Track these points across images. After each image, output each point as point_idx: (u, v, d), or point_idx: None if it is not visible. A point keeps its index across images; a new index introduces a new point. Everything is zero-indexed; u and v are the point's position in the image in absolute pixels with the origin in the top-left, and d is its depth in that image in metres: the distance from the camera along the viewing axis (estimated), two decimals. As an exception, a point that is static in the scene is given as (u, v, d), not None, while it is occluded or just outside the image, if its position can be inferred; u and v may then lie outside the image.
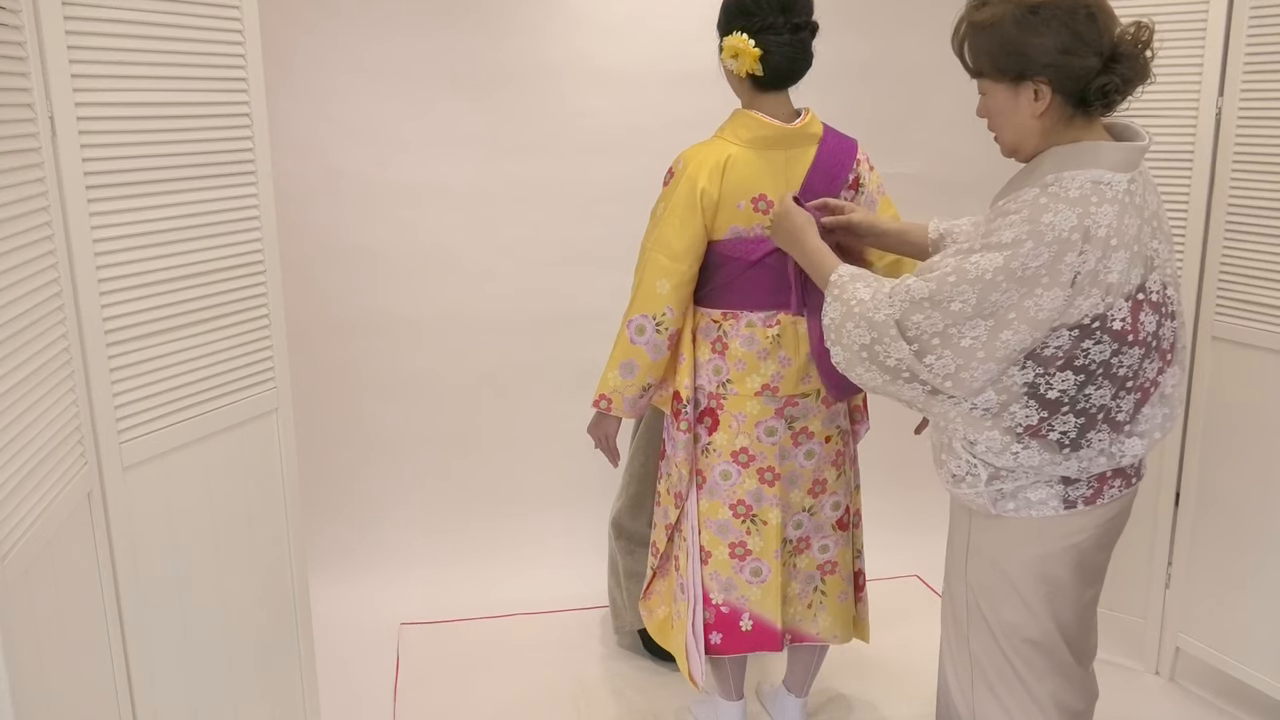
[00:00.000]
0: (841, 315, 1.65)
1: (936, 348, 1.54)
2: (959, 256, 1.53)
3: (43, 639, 1.42)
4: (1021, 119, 1.56)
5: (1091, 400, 1.54)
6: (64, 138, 1.54)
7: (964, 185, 3.51)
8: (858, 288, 1.65)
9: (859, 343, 1.62)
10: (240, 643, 2.01)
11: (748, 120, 2.03)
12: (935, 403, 1.60)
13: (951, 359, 1.53)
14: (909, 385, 1.59)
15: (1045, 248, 1.45)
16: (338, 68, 3.07)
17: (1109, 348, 1.51)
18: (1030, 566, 1.64)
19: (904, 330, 1.56)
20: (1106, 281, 1.48)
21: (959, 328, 1.52)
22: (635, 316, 2.07)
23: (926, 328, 1.54)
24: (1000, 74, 1.55)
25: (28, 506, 1.38)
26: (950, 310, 1.52)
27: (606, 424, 2.19)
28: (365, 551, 3.31)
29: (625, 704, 2.62)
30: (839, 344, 1.65)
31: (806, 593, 2.25)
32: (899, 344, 1.57)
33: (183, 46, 1.74)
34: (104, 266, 1.63)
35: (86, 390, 1.61)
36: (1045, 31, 1.48)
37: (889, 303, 1.58)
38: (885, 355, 1.59)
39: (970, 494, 1.65)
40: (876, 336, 1.59)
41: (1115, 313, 1.50)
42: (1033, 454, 1.56)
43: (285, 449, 2.08)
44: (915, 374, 1.57)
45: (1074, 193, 1.47)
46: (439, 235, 3.24)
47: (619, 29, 3.19)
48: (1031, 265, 1.46)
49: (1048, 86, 1.51)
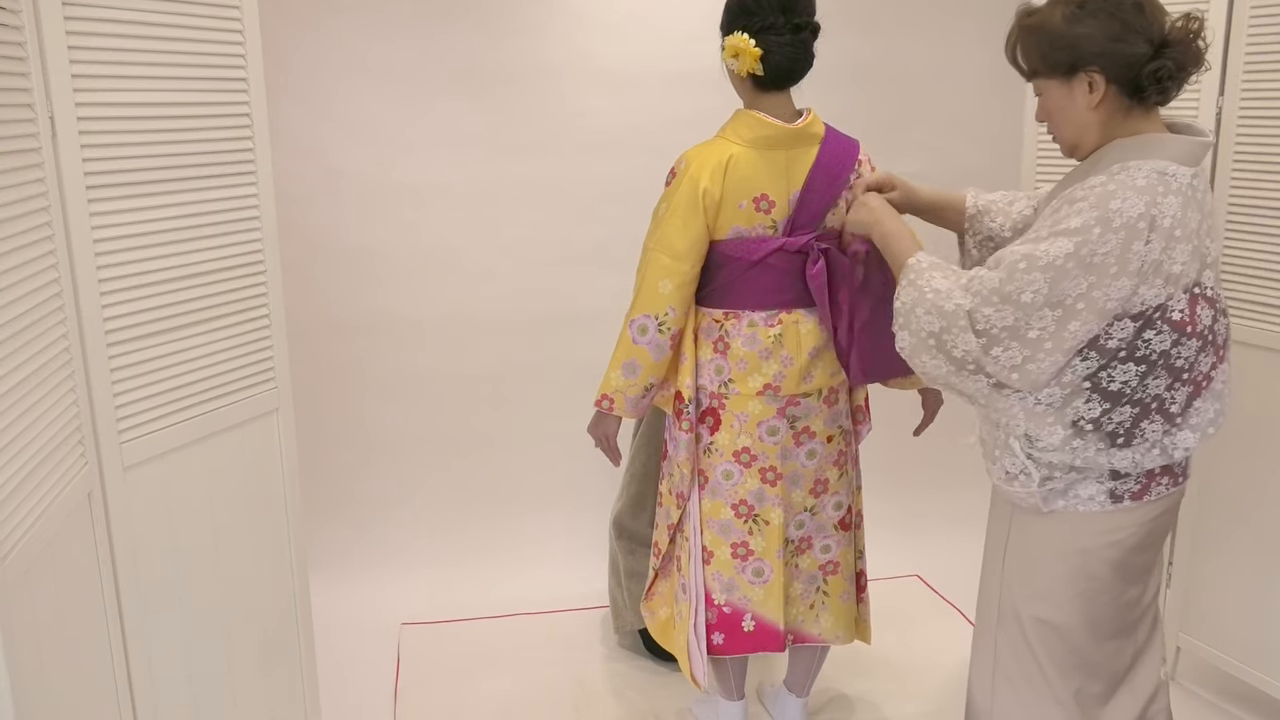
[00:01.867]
0: (913, 300, 1.62)
1: (1004, 340, 1.53)
2: (1029, 244, 1.52)
3: (43, 639, 1.42)
4: (1078, 113, 1.58)
5: (1148, 390, 1.54)
6: (64, 138, 1.54)
7: (962, 185, 3.49)
8: (934, 276, 1.63)
9: (927, 330, 1.59)
10: (240, 643, 2.01)
11: (750, 120, 2.03)
12: (999, 397, 1.58)
13: (1019, 350, 1.52)
14: (973, 378, 1.57)
15: (1113, 234, 1.46)
16: (338, 68, 3.07)
17: (1169, 338, 1.51)
18: (1069, 561, 1.63)
19: (974, 322, 1.54)
20: (1169, 271, 1.49)
21: (1028, 319, 1.51)
22: (637, 316, 2.07)
23: (996, 321, 1.53)
24: (1053, 70, 1.57)
25: (28, 507, 1.38)
26: (1021, 302, 1.50)
27: (607, 424, 2.19)
28: (365, 551, 3.31)
29: (626, 704, 2.62)
30: (907, 329, 1.63)
31: (809, 593, 2.25)
32: (967, 335, 1.55)
33: (183, 46, 1.74)
34: (104, 266, 1.63)
35: (87, 390, 1.61)
36: (1092, 22, 1.52)
37: (963, 293, 1.56)
38: (953, 345, 1.57)
39: (1021, 492, 1.63)
40: (945, 325, 1.56)
41: (1174, 303, 1.51)
42: (1089, 447, 1.56)
43: (285, 449, 2.08)
44: (981, 366, 1.55)
45: (1140, 181, 1.48)
46: (439, 235, 3.24)
47: (619, 28, 3.19)
48: (1100, 252, 1.46)
49: (1101, 76, 1.53)
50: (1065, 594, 1.65)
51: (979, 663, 1.78)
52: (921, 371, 1.64)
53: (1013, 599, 1.70)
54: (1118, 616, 1.68)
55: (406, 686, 2.72)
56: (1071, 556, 1.63)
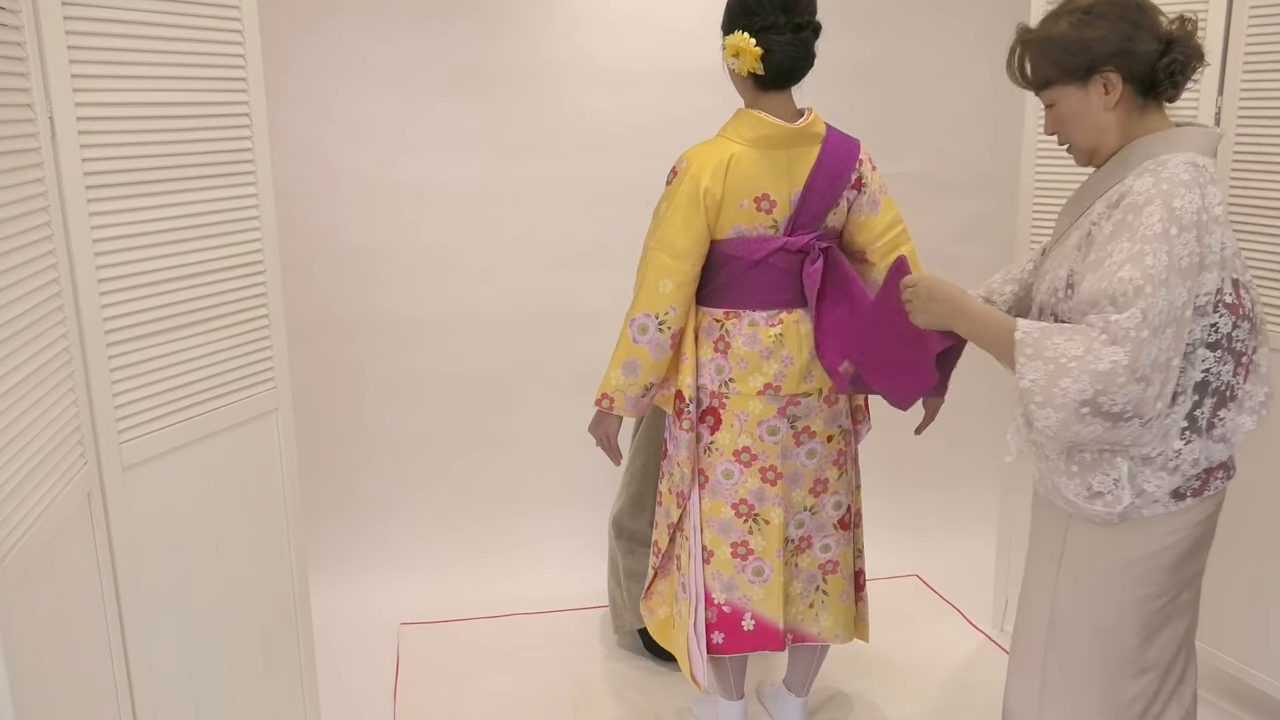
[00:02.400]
0: (1048, 376, 1.49)
1: (1152, 375, 1.46)
2: (1131, 266, 1.45)
3: (43, 639, 1.41)
4: (1095, 116, 1.59)
5: (1221, 377, 1.54)
6: (64, 138, 1.53)
7: (962, 185, 3.52)
8: (1059, 342, 1.49)
9: (1078, 399, 1.46)
10: (240, 643, 2.01)
11: (751, 119, 2.03)
12: (1146, 431, 1.50)
13: (1159, 380, 1.47)
14: (1127, 424, 1.47)
15: (1187, 233, 1.46)
16: (338, 68, 3.07)
17: (1229, 320, 1.53)
18: (1131, 569, 1.61)
19: (1134, 372, 1.44)
20: (1224, 257, 1.52)
21: (1159, 344, 1.46)
22: (638, 315, 2.07)
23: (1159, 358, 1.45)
24: (1068, 75, 1.58)
25: (28, 507, 1.37)
26: (1157, 327, 1.44)
27: (607, 423, 2.19)
28: (365, 551, 3.31)
29: (625, 704, 2.62)
30: (1049, 406, 1.48)
31: (808, 592, 2.25)
32: (1129, 387, 1.44)
33: (182, 46, 1.74)
34: (104, 266, 1.63)
35: (86, 390, 1.61)
36: (1103, 25, 1.54)
37: (1110, 347, 1.45)
38: (1111, 403, 1.45)
39: (1102, 511, 1.58)
40: (1102, 388, 1.44)
41: (1226, 287, 1.53)
42: (1194, 448, 1.55)
43: (285, 449, 2.08)
44: (1140, 411, 1.46)
45: (1185, 175, 1.49)
46: (439, 235, 3.24)
47: (619, 28, 3.19)
48: (1184, 254, 1.46)
49: (1116, 75, 1.55)
50: (1126, 600, 1.62)
51: (1021, 684, 1.73)
52: (1073, 440, 1.52)
53: (1069, 612, 1.66)
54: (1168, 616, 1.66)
55: (406, 686, 2.72)
56: (1134, 564, 1.61)
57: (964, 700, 2.63)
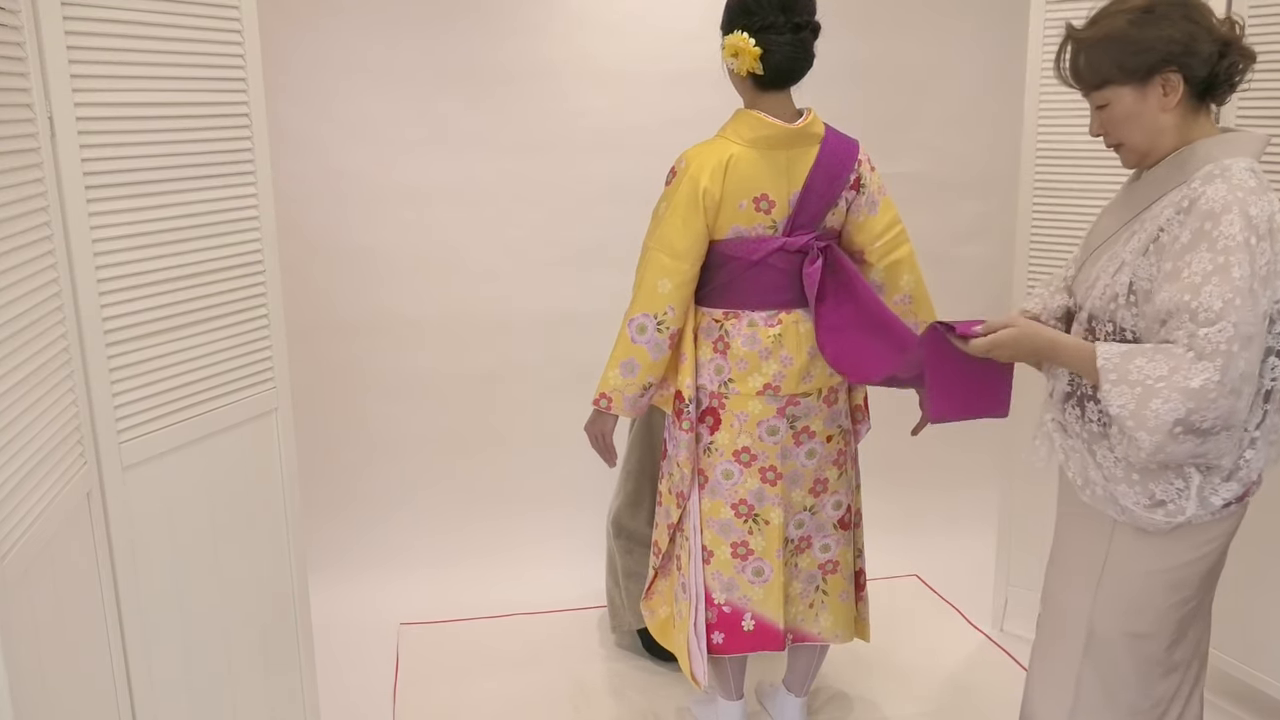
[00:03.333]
0: (1139, 399, 1.47)
1: (1243, 388, 1.44)
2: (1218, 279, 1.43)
3: (42, 639, 1.41)
4: (1152, 117, 1.56)
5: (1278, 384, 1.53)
6: (63, 138, 1.54)
7: (961, 185, 3.52)
8: (1141, 364, 1.48)
9: (1172, 418, 1.44)
10: (240, 643, 2.01)
11: (750, 120, 2.03)
12: (1229, 441, 1.49)
13: (1248, 390, 1.46)
14: (1216, 438, 1.46)
15: (1266, 240, 1.45)
16: (338, 68, 3.07)
17: None
18: (1171, 575, 1.60)
19: (1225, 385, 1.42)
20: None
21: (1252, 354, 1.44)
22: (637, 315, 2.07)
23: (1247, 370, 1.43)
24: (1128, 75, 1.55)
25: (27, 506, 1.37)
26: (1246, 339, 1.43)
27: (603, 422, 2.19)
28: (365, 551, 3.31)
29: (625, 704, 2.62)
30: (1143, 429, 1.46)
31: (808, 592, 2.25)
32: (1220, 401, 1.42)
33: (182, 47, 1.74)
34: (103, 267, 1.63)
35: (86, 390, 1.61)
36: (1165, 25, 1.52)
37: (1200, 364, 1.43)
38: (1201, 419, 1.44)
39: (1161, 521, 1.57)
40: (1195, 406, 1.43)
41: None
42: (1260, 456, 1.55)
43: (285, 449, 2.08)
44: (1230, 423, 1.45)
45: (1251, 182, 1.47)
46: (439, 235, 3.24)
47: (619, 28, 3.19)
48: (1262, 262, 1.44)
49: (1177, 75, 1.53)
50: (1163, 606, 1.62)
51: (1049, 693, 1.72)
52: (1163, 459, 1.50)
53: (1109, 621, 1.65)
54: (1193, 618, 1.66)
55: (405, 686, 2.72)
56: (1174, 571, 1.60)
57: (963, 700, 2.63)
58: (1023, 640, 2.88)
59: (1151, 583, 1.62)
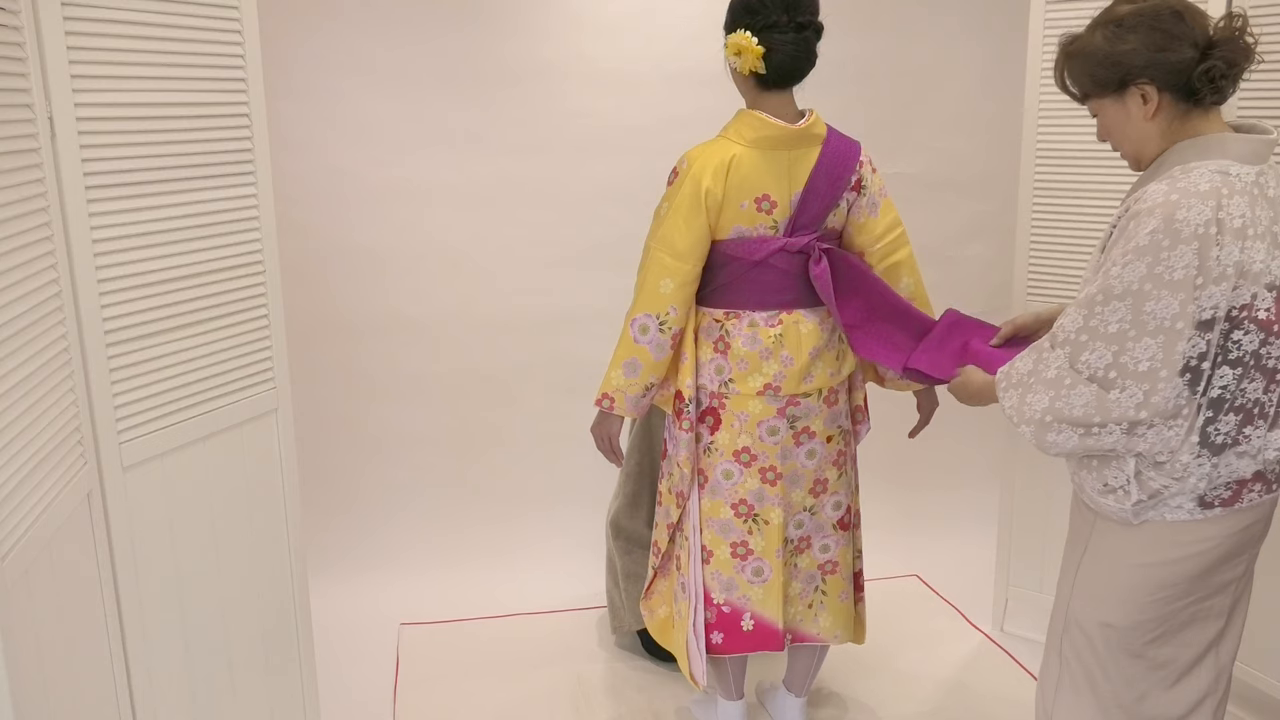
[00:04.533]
0: (1018, 397, 1.60)
1: (1116, 380, 1.49)
2: (1102, 276, 1.50)
3: (43, 639, 1.42)
4: (1135, 126, 1.59)
5: (1247, 395, 1.52)
6: (63, 138, 1.54)
7: (962, 185, 3.52)
8: (1019, 365, 1.62)
9: (1040, 408, 1.55)
10: (240, 643, 2.01)
11: (752, 120, 2.03)
12: (1136, 440, 1.53)
13: (1136, 388, 1.49)
14: (1105, 430, 1.52)
15: (1185, 245, 1.45)
16: (337, 68, 3.07)
17: (1257, 337, 1.50)
18: (1150, 571, 1.61)
19: (1079, 372, 1.52)
20: (1251, 270, 1.48)
21: (1130, 353, 1.48)
22: (639, 315, 2.07)
23: (1097, 363, 1.50)
24: (1103, 88, 1.59)
25: (27, 507, 1.37)
26: (1109, 334, 1.48)
27: (609, 424, 2.19)
28: (365, 551, 3.31)
29: (625, 704, 2.62)
30: (1026, 421, 1.59)
31: (807, 592, 2.25)
32: (1079, 389, 1.51)
33: (182, 47, 1.74)
34: (103, 267, 1.63)
35: (86, 390, 1.61)
36: (1134, 37, 1.54)
37: (1053, 354, 1.55)
38: (1069, 407, 1.53)
39: (1115, 506, 1.61)
40: (1056, 393, 1.54)
41: (1259, 302, 1.49)
42: (1204, 461, 1.54)
43: (285, 449, 2.08)
44: (1107, 415, 1.51)
45: (1204, 185, 1.47)
46: (439, 235, 3.24)
47: (619, 28, 3.19)
48: (1179, 267, 1.45)
49: (1152, 86, 1.54)
50: (1141, 601, 1.62)
51: (1047, 670, 1.77)
52: (1057, 451, 1.59)
53: (1080, 605, 1.68)
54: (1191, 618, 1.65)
55: (406, 687, 2.72)
56: (1154, 567, 1.61)
57: (963, 701, 2.63)
58: (1023, 640, 2.89)
59: (1125, 576, 1.63)
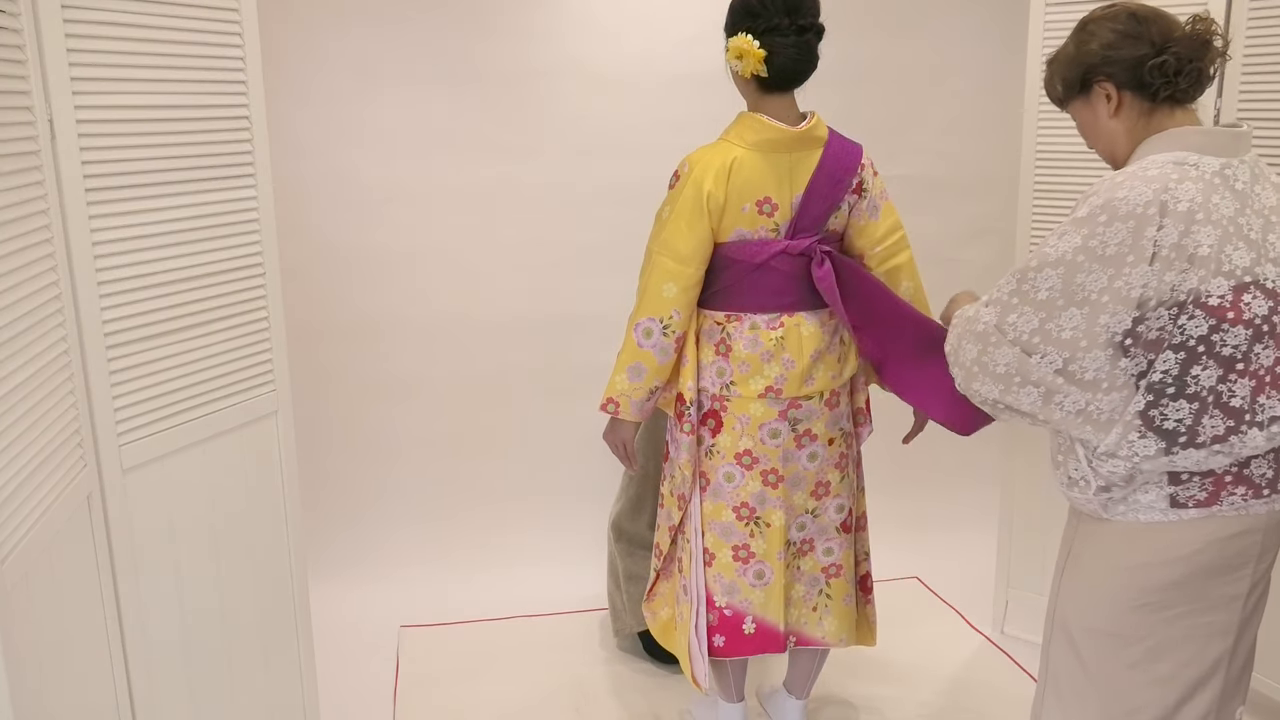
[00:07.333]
0: (956, 337, 1.68)
1: (1039, 345, 1.55)
2: (1041, 246, 1.57)
3: (42, 641, 1.41)
4: (1103, 125, 1.63)
5: (1200, 382, 1.51)
6: (63, 141, 1.53)
7: (962, 186, 3.52)
8: (965, 308, 1.70)
9: (970, 358, 1.64)
10: (240, 644, 2.01)
11: (753, 123, 2.02)
12: (1052, 408, 1.57)
13: (1056, 354, 1.54)
14: (1023, 390, 1.58)
15: (1121, 222, 1.47)
16: (338, 68, 3.07)
17: (1205, 324, 1.49)
18: (1128, 574, 1.60)
19: (1004, 333, 1.58)
20: (1196, 255, 1.48)
21: (1055, 320, 1.53)
22: (642, 319, 2.07)
23: (1024, 326, 1.56)
24: (1071, 91, 1.65)
25: (27, 509, 1.37)
26: (1039, 301, 1.53)
27: (623, 430, 2.19)
28: (365, 554, 3.31)
29: (626, 706, 2.62)
30: (958, 365, 1.67)
31: (811, 595, 2.24)
32: (1003, 349, 1.58)
33: (182, 49, 1.74)
34: (103, 269, 1.63)
35: (86, 393, 1.61)
36: (1092, 39, 1.60)
37: (986, 310, 1.61)
38: (993, 363, 1.60)
39: (1081, 498, 1.64)
40: (983, 347, 1.61)
41: (1211, 289, 1.49)
42: (1149, 444, 1.54)
43: (285, 451, 2.07)
44: (1026, 376, 1.57)
45: (1152, 171, 1.50)
46: (439, 237, 3.24)
47: (619, 31, 3.19)
48: (1112, 243, 1.48)
49: (1111, 84, 1.59)
50: (1122, 606, 1.61)
51: (1040, 675, 1.78)
52: (979, 400, 1.66)
53: (1064, 609, 1.68)
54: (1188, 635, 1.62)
55: (406, 689, 2.72)
56: (1133, 570, 1.60)
57: (963, 703, 2.63)
58: (1023, 642, 2.89)
59: (1106, 578, 1.62)
